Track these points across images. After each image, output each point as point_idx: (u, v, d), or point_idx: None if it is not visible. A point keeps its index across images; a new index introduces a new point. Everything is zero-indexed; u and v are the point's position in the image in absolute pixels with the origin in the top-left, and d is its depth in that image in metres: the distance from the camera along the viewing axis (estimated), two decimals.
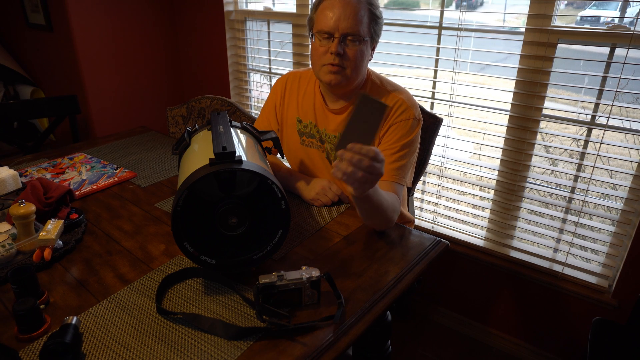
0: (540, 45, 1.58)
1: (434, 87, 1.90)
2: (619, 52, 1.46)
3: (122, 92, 2.56)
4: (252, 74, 2.58)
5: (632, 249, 1.56)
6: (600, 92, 1.54)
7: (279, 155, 1.50)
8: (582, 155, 1.64)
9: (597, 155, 1.57)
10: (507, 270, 1.85)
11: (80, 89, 2.41)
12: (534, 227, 1.83)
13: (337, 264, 1.06)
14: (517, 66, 1.65)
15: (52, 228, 1.07)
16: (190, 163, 0.96)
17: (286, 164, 1.50)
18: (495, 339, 2.00)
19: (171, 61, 2.75)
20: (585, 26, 1.54)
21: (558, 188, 1.75)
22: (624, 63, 1.45)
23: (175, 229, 0.89)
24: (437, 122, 1.54)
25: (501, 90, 1.77)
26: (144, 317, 0.88)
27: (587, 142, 1.61)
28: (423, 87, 1.93)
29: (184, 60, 2.78)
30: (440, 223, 2.03)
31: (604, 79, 1.52)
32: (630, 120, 1.54)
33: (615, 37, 1.44)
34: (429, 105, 1.93)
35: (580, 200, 1.67)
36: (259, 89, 2.64)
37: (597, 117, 1.56)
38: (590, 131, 1.59)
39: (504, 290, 1.91)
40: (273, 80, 2.52)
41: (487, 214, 1.93)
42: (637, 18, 1.41)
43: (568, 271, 1.74)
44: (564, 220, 1.74)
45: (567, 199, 1.72)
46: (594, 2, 1.68)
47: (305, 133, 1.40)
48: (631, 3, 1.48)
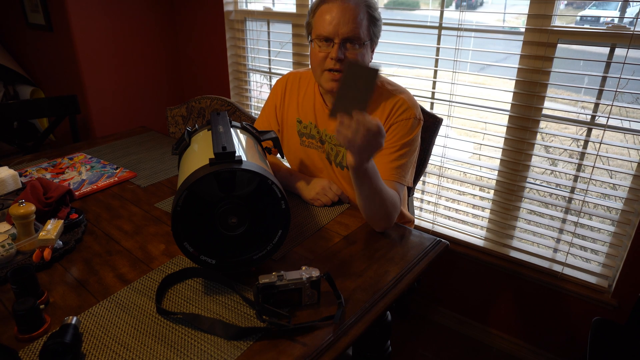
0: (540, 45, 1.58)
1: (434, 87, 1.90)
2: (619, 52, 1.46)
3: (122, 92, 2.56)
4: (252, 74, 2.58)
5: (632, 249, 1.56)
6: (600, 92, 1.54)
7: (278, 155, 1.50)
8: (582, 155, 1.64)
9: (597, 155, 1.57)
10: (507, 270, 1.85)
11: (80, 89, 2.41)
12: (533, 227, 1.83)
13: (337, 264, 1.06)
14: (517, 66, 1.65)
15: (52, 228, 1.07)
16: (190, 163, 0.96)
17: (286, 164, 1.50)
18: (495, 339, 2.00)
19: (171, 61, 2.75)
20: (585, 26, 1.54)
21: (558, 188, 1.75)
22: (624, 63, 1.45)
23: (175, 229, 0.89)
24: (437, 122, 1.54)
25: (501, 90, 1.77)
26: (144, 317, 0.88)
27: (587, 142, 1.61)
28: (423, 87, 1.93)
29: (184, 60, 2.78)
30: (440, 223, 2.03)
31: (604, 79, 1.52)
32: (630, 120, 1.54)
33: (615, 37, 1.44)
34: (429, 105, 1.93)
35: (580, 200, 1.67)
36: (259, 89, 2.64)
37: (597, 117, 1.56)
38: (590, 131, 1.59)
39: (504, 290, 1.91)
40: (273, 80, 2.52)
41: (487, 214, 1.93)
42: (637, 18, 1.41)
43: (568, 271, 1.74)
44: (564, 220, 1.74)
45: (567, 199, 1.72)
46: (594, 2, 1.68)
47: (305, 134, 1.40)
48: (631, 3, 1.48)
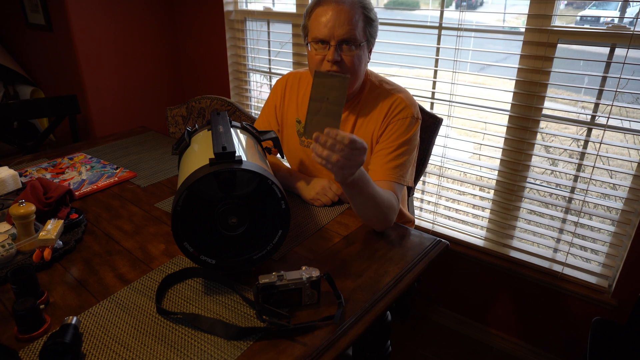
0: (540, 45, 1.58)
1: (433, 87, 1.90)
2: (619, 52, 1.46)
3: (122, 92, 2.56)
4: (252, 74, 2.58)
5: (632, 249, 1.56)
6: (600, 92, 1.54)
7: (278, 155, 1.50)
8: (582, 155, 1.64)
9: (597, 155, 1.57)
10: (507, 270, 1.85)
11: (80, 89, 2.41)
12: (533, 227, 1.83)
13: (337, 264, 1.06)
14: (517, 66, 1.65)
15: (52, 228, 1.07)
16: (190, 163, 0.96)
17: (286, 164, 1.50)
18: (495, 339, 2.00)
19: (171, 61, 2.75)
20: (585, 26, 1.54)
21: (558, 188, 1.75)
22: (624, 63, 1.45)
23: (175, 229, 0.89)
24: (437, 122, 1.54)
25: (501, 90, 1.77)
26: (144, 317, 0.88)
27: (587, 142, 1.61)
28: (423, 87, 1.93)
29: (184, 60, 2.78)
30: (440, 223, 2.03)
31: (604, 79, 1.52)
32: (630, 120, 1.54)
33: (615, 37, 1.44)
34: (429, 105, 1.93)
35: (580, 200, 1.67)
36: (259, 89, 2.64)
37: (597, 117, 1.56)
38: (590, 131, 1.59)
39: (504, 290, 1.91)
40: (273, 80, 2.52)
41: (487, 214, 1.93)
42: (637, 18, 1.41)
43: (568, 271, 1.74)
44: (564, 220, 1.74)
45: (567, 199, 1.72)
46: (594, 2, 1.68)
47: (304, 134, 1.40)
48: (631, 3, 1.48)
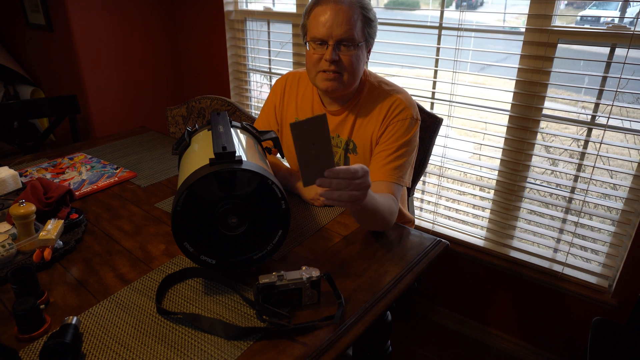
0: (540, 45, 1.58)
1: (434, 87, 1.90)
2: (619, 52, 1.46)
3: (122, 92, 2.56)
4: (252, 74, 2.58)
5: (632, 249, 1.56)
6: (600, 92, 1.54)
7: (278, 155, 1.50)
8: (582, 155, 1.64)
9: (597, 155, 1.57)
10: (507, 270, 1.85)
11: (80, 89, 2.41)
12: (534, 227, 1.83)
13: (337, 264, 1.05)
14: (517, 66, 1.65)
15: (52, 228, 1.07)
16: (190, 163, 0.96)
17: (286, 164, 1.50)
18: (495, 339, 2.00)
19: (171, 61, 2.75)
20: (585, 26, 1.54)
21: (558, 188, 1.75)
22: (624, 63, 1.45)
23: (175, 229, 0.89)
24: (437, 122, 1.54)
25: (501, 90, 1.77)
26: (144, 317, 0.88)
27: (587, 142, 1.61)
28: (423, 87, 1.92)
29: (184, 60, 2.78)
30: (440, 223, 2.03)
31: (604, 79, 1.52)
32: (630, 120, 1.54)
33: (615, 37, 1.44)
34: (429, 105, 1.93)
35: (580, 200, 1.67)
36: (259, 89, 2.63)
37: (597, 117, 1.56)
38: (590, 131, 1.59)
39: (504, 290, 1.91)
40: (273, 80, 2.52)
41: (487, 214, 1.93)
42: (637, 18, 1.41)
43: (568, 271, 1.74)
44: (564, 220, 1.74)
45: (567, 199, 1.72)
46: (594, 2, 1.68)
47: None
48: (631, 3, 1.48)
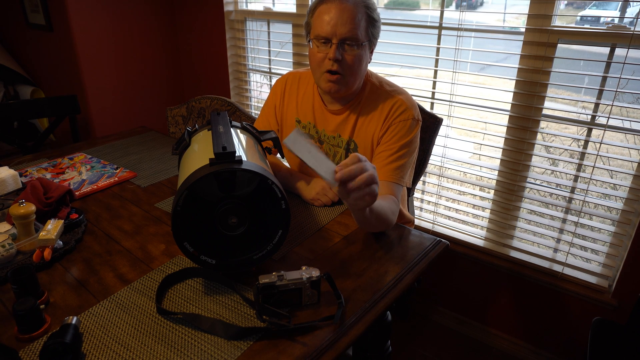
0: (540, 45, 1.58)
1: (434, 87, 1.90)
2: (619, 52, 1.46)
3: (122, 92, 2.56)
4: (252, 74, 2.58)
5: (632, 249, 1.56)
6: (600, 92, 1.54)
7: (278, 155, 1.50)
8: (582, 155, 1.64)
9: (597, 155, 1.57)
10: (507, 270, 1.85)
11: (80, 89, 2.41)
12: (534, 227, 1.83)
13: (337, 264, 1.05)
14: (517, 66, 1.65)
15: (52, 228, 1.07)
16: (190, 163, 0.96)
17: (286, 164, 1.50)
18: (495, 339, 2.00)
19: (171, 61, 2.75)
20: (585, 26, 1.54)
21: (558, 188, 1.75)
22: (624, 63, 1.45)
23: (175, 229, 0.89)
24: (437, 122, 1.54)
25: (501, 90, 1.77)
26: (144, 317, 0.88)
27: (587, 142, 1.61)
28: (423, 87, 1.92)
29: (184, 60, 2.78)
30: (440, 223, 2.03)
31: (604, 79, 1.52)
32: (630, 120, 1.54)
33: (615, 37, 1.44)
34: (429, 105, 1.93)
35: (580, 200, 1.67)
36: (259, 89, 2.64)
37: (597, 117, 1.56)
38: (590, 131, 1.59)
39: (504, 290, 1.91)
40: (273, 80, 2.52)
41: (487, 214, 1.93)
42: (637, 18, 1.41)
43: (568, 271, 1.74)
44: (564, 220, 1.74)
45: (567, 199, 1.72)
46: (594, 2, 1.68)
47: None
48: (631, 3, 1.48)
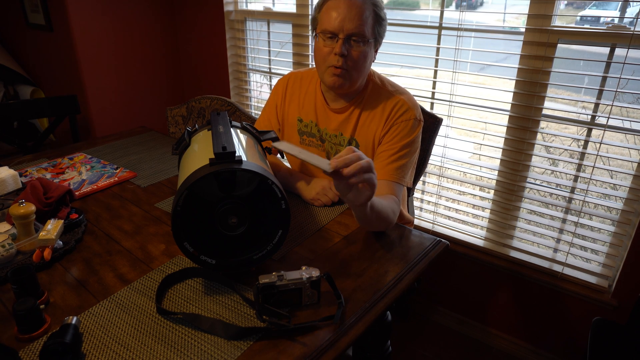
0: (540, 45, 1.58)
1: (434, 87, 1.90)
2: (619, 52, 1.46)
3: (122, 92, 2.56)
4: (252, 74, 2.58)
5: (632, 249, 1.56)
6: (600, 92, 1.54)
7: (278, 155, 1.50)
8: (582, 156, 1.64)
9: (597, 155, 1.57)
10: (507, 270, 1.85)
11: (80, 89, 2.41)
12: (533, 227, 1.83)
13: (337, 264, 1.05)
14: (517, 66, 1.65)
15: (52, 228, 1.07)
16: (190, 163, 0.96)
17: (286, 164, 1.50)
18: (495, 338, 2.00)
19: (171, 61, 2.75)
20: (585, 26, 1.54)
21: (558, 188, 1.75)
22: (624, 63, 1.45)
23: (175, 229, 0.89)
24: (437, 122, 1.54)
25: (501, 90, 1.77)
26: (144, 317, 0.88)
27: (587, 142, 1.61)
28: (423, 87, 1.92)
29: (184, 60, 2.78)
30: (440, 223, 2.03)
31: (604, 79, 1.52)
32: (630, 120, 1.54)
33: (615, 37, 1.44)
34: (429, 105, 1.93)
35: (580, 200, 1.67)
36: (259, 89, 2.64)
37: (597, 117, 1.56)
38: (590, 131, 1.59)
39: (504, 290, 1.91)
40: (273, 80, 2.52)
41: (487, 214, 1.93)
42: (637, 18, 1.41)
43: (568, 271, 1.74)
44: (564, 220, 1.74)
45: (567, 199, 1.72)
46: (594, 2, 1.68)
47: (305, 132, 1.40)
48: (631, 3, 1.48)
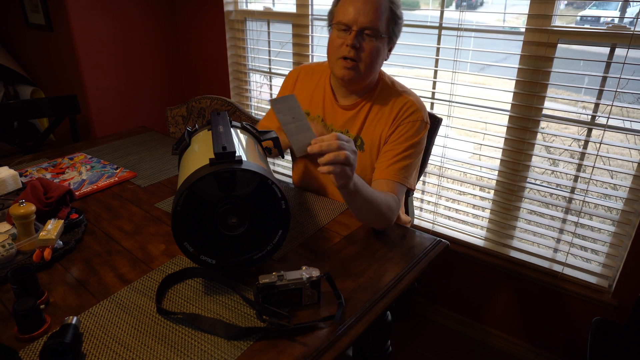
0: (540, 45, 1.58)
1: (433, 87, 1.90)
2: (619, 52, 1.46)
3: (122, 92, 2.56)
4: (252, 74, 2.58)
5: (632, 249, 1.56)
6: (600, 92, 1.54)
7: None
8: (582, 156, 1.64)
9: (597, 156, 1.57)
10: (507, 270, 1.85)
11: (80, 89, 2.41)
12: (534, 227, 1.83)
13: (337, 264, 1.06)
14: (517, 66, 1.65)
15: (52, 228, 1.07)
16: (190, 163, 0.96)
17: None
18: (495, 339, 2.00)
19: (171, 61, 2.75)
20: (585, 26, 1.54)
21: (558, 188, 1.75)
22: (624, 63, 1.45)
23: (175, 229, 0.89)
24: (437, 122, 1.54)
25: (501, 90, 1.77)
26: (144, 317, 0.88)
27: (587, 142, 1.61)
28: (423, 87, 1.92)
29: (184, 60, 2.78)
30: (440, 223, 2.03)
31: (604, 79, 1.52)
32: (630, 120, 1.54)
33: (615, 37, 1.44)
34: (429, 105, 1.93)
35: (580, 200, 1.67)
36: (259, 89, 2.64)
37: (597, 117, 1.56)
38: (590, 131, 1.59)
39: (504, 290, 1.91)
40: (273, 81, 2.52)
41: (487, 214, 1.93)
42: (637, 18, 1.41)
43: (568, 271, 1.74)
44: (564, 221, 1.74)
45: (567, 199, 1.72)
46: (594, 2, 1.68)
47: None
48: (631, 3, 1.48)
